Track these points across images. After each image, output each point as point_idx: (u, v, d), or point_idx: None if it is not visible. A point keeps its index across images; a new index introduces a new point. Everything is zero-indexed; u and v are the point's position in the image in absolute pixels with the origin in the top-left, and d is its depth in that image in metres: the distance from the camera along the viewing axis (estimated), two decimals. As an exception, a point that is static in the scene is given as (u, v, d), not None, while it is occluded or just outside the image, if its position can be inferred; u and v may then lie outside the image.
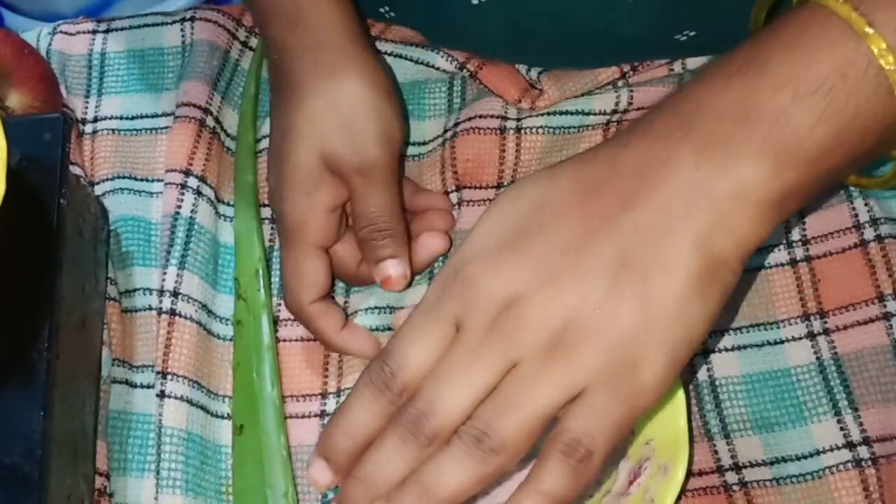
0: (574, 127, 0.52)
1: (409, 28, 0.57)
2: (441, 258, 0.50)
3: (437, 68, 0.54)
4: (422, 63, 0.55)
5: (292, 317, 0.49)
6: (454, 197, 0.51)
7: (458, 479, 0.35)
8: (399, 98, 0.50)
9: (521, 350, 0.35)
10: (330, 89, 0.46)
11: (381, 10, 0.57)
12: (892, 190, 0.47)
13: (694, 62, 0.53)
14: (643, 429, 0.42)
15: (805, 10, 0.36)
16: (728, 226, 0.35)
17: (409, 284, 0.49)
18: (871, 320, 0.45)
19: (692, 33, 0.52)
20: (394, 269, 0.47)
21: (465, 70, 0.54)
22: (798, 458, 0.44)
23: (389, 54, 0.55)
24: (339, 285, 0.50)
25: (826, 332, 0.46)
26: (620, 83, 0.53)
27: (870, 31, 0.34)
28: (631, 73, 0.53)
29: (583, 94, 0.52)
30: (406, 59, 0.55)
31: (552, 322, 0.35)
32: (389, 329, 0.49)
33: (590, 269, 0.35)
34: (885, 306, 0.45)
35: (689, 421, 0.44)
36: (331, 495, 0.45)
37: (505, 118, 0.52)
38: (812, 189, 0.36)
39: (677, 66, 0.53)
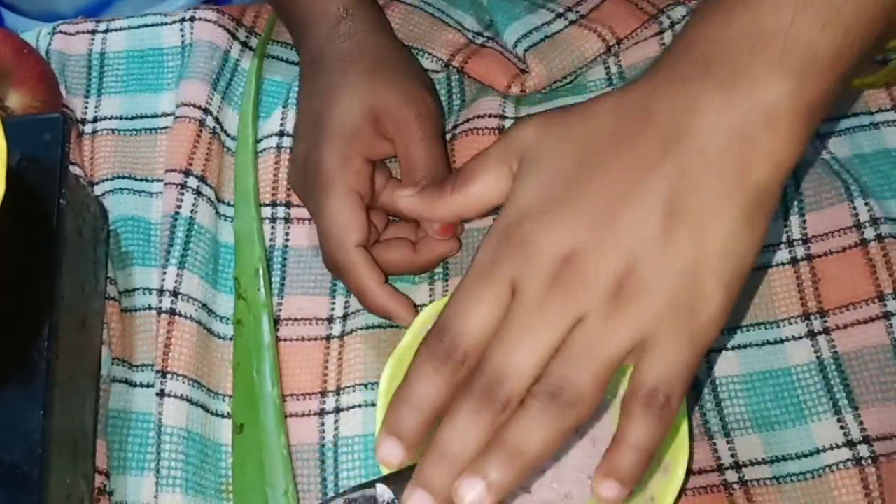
0: (572, 124, 0.52)
1: None
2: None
3: (425, 70, 0.54)
4: None
5: (292, 316, 0.50)
6: None
7: (540, 437, 0.35)
8: None
9: (587, 304, 0.35)
10: (377, 56, 0.50)
11: None
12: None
13: None
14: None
15: None
16: (766, 153, 0.35)
17: (413, 282, 0.49)
18: (872, 319, 0.45)
19: None
20: None
21: (451, 67, 0.54)
22: (798, 457, 0.44)
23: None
24: (338, 285, 0.50)
25: (826, 331, 0.46)
26: (611, 61, 0.53)
27: None
28: (616, 46, 0.53)
29: (575, 78, 0.52)
30: None
31: (613, 273, 0.35)
32: (391, 327, 0.48)
33: (642, 216, 0.35)
34: (885, 305, 0.45)
35: (690, 419, 0.44)
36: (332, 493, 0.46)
37: (503, 117, 0.52)
38: (836, 92, 0.36)
39: (668, 38, 0.53)
